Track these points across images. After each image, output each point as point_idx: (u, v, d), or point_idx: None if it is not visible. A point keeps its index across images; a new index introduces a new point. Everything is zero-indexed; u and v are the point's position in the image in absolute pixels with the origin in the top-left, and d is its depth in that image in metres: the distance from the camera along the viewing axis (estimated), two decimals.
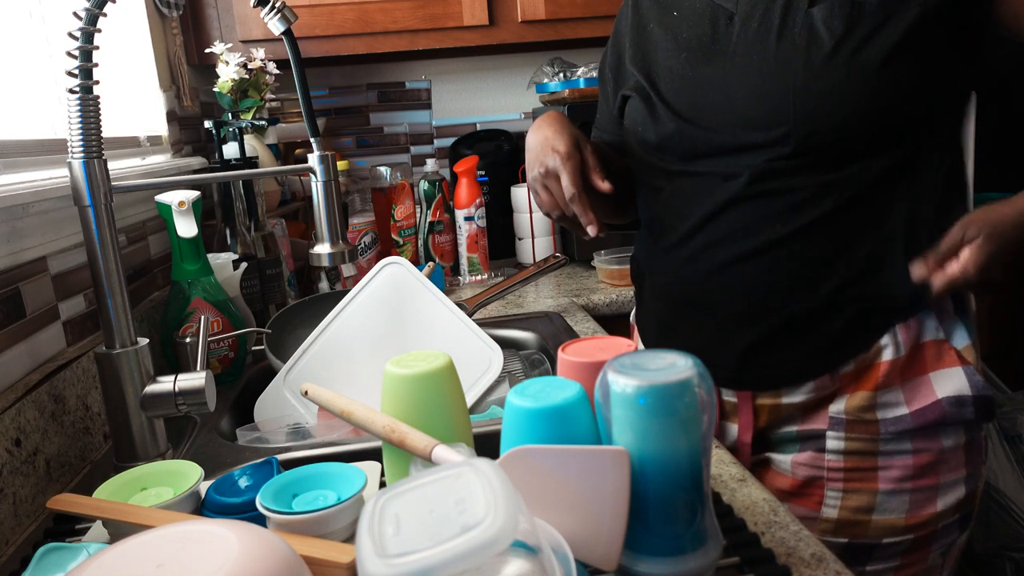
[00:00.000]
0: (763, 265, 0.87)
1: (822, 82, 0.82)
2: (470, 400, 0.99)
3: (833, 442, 0.89)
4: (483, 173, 1.81)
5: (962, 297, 0.91)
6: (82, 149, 0.79)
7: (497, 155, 1.94)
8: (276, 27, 0.87)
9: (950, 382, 0.87)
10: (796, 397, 0.91)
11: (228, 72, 1.44)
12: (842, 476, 0.89)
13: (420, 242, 1.74)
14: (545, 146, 0.89)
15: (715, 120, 0.89)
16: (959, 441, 0.88)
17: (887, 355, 0.87)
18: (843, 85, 0.81)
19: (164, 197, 1.07)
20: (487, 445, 0.74)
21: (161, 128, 1.52)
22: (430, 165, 1.75)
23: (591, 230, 0.87)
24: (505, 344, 1.24)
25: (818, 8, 0.84)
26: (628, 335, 1.16)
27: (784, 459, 0.94)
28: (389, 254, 1.66)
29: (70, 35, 0.78)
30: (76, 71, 0.79)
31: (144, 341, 0.85)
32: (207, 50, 1.55)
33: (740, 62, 0.88)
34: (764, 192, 0.86)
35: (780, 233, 0.86)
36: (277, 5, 0.86)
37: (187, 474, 0.69)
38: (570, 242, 1.87)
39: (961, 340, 0.89)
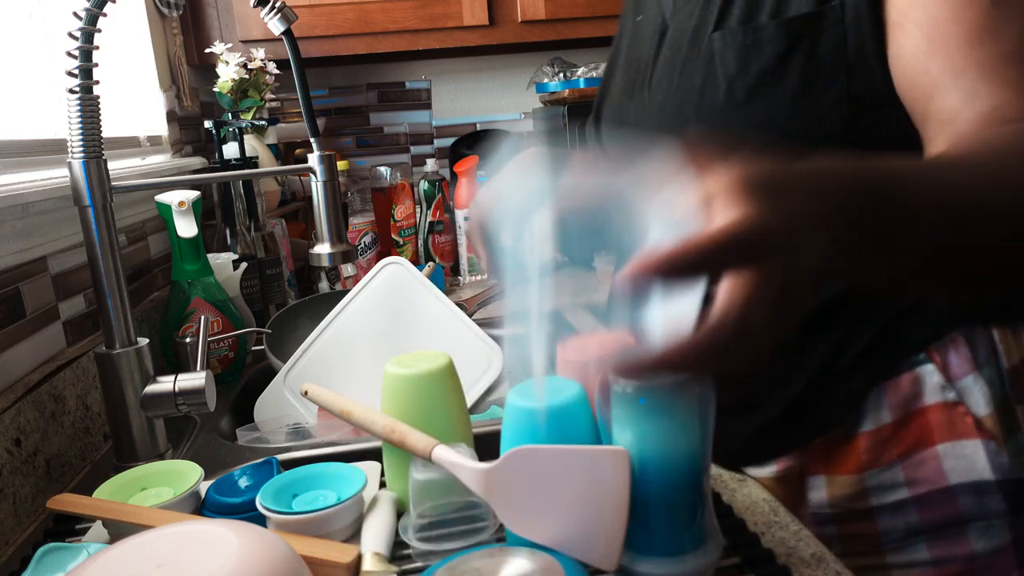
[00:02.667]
0: None
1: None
2: (470, 400, 0.99)
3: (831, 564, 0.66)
4: (483, 173, 1.81)
5: (983, 339, 0.66)
6: (82, 149, 0.79)
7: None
8: (276, 27, 0.87)
9: (964, 462, 0.64)
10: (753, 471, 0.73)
11: (228, 72, 1.44)
12: None
13: (420, 242, 1.74)
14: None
15: None
16: (1001, 542, 0.64)
17: (867, 424, 0.67)
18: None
19: (164, 197, 1.07)
20: (487, 445, 0.74)
21: (161, 128, 1.51)
22: (430, 165, 1.75)
23: None
24: None
25: (719, 33, 0.63)
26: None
27: None
28: (389, 254, 1.66)
29: (70, 35, 0.78)
30: (76, 71, 0.78)
31: (144, 341, 0.85)
32: (207, 50, 1.55)
33: (649, 97, 0.69)
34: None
35: None
36: (277, 5, 0.86)
37: (187, 474, 0.69)
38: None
39: (981, 403, 0.65)
